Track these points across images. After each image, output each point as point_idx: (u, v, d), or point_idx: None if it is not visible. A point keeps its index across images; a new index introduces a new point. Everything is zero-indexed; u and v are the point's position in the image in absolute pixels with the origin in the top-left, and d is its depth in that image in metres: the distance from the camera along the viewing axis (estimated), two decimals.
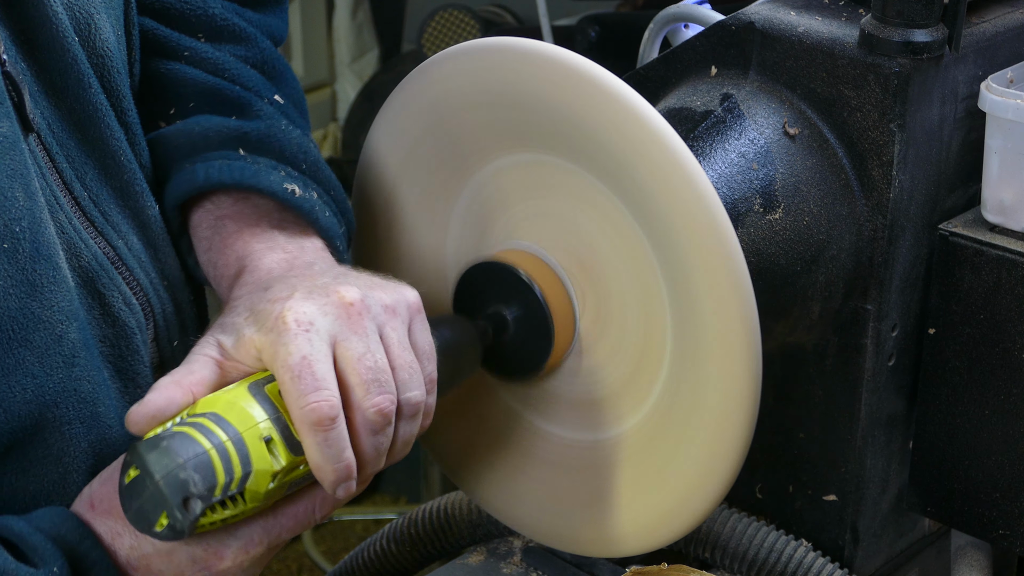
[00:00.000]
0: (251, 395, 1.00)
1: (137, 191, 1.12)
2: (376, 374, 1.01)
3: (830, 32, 1.21)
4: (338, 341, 1.02)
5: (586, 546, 1.25)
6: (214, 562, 1.01)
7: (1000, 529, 1.28)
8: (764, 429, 1.22)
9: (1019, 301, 1.22)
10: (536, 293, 1.16)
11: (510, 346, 1.19)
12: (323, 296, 1.03)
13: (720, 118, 1.22)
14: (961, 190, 1.28)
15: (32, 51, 1.05)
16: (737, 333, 1.08)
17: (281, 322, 1.01)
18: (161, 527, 0.97)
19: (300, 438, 1.00)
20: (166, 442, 0.97)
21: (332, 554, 3.07)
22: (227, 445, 0.97)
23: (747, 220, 1.19)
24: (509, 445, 1.27)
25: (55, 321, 1.01)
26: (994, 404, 1.25)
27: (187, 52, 1.21)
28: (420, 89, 1.19)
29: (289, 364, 0.99)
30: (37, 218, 1.00)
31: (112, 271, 1.08)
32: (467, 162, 1.21)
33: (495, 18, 3.10)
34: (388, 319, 1.05)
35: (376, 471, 1.05)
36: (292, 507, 1.03)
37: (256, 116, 1.18)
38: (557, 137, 1.14)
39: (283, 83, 1.24)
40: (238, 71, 1.21)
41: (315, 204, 1.15)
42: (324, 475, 1.00)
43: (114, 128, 1.10)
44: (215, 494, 0.97)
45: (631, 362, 1.18)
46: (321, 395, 0.99)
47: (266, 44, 1.25)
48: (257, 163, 1.14)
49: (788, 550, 1.29)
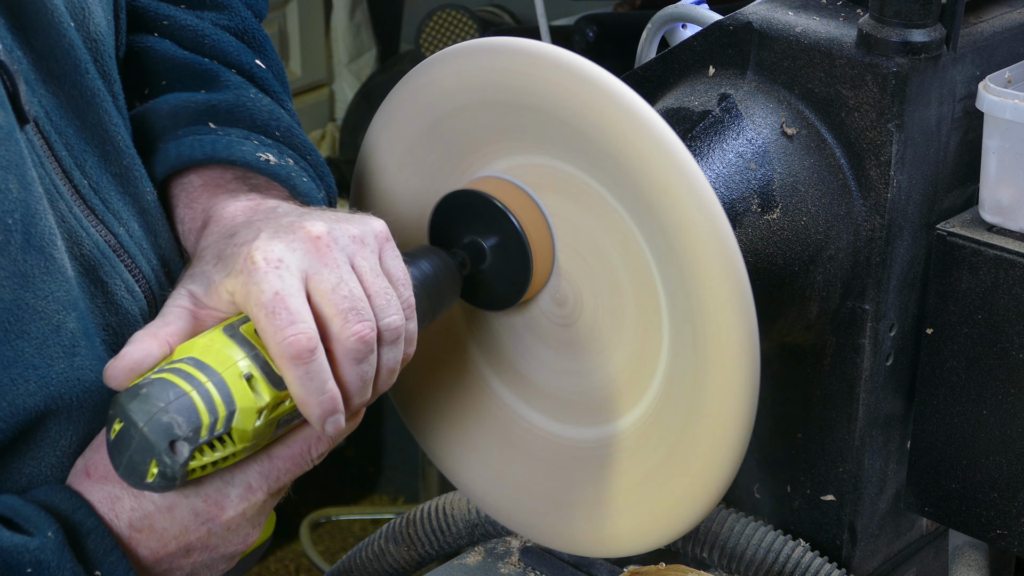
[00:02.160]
0: (227, 336, 1.00)
1: (136, 176, 1.12)
2: (352, 302, 1.01)
3: (828, 32, 1.22)
4: (309, 275, 1.01)
5: (584, 546, 1.25)
6: (216, 512, 1.01)
7: (998, 529, 1.28)
8: (762, 429, 1.22)
9: (1017, 301, 1.22)
10: (511, 219, 1.15)
11: (489, 275, 1.18)
12: (289, 233, 1.03)
13: (718, 118, 1.22)
14: (959, 190, 1.28)
15: (28, 38, 1.05)
16: (735, 333, 1.08)
17: (250, 262, 1.00)
18: (152, 477, 0.97)
19: (281, 373, 1.00)
20: (145, 389, 0.97)
21: (330, 554, 3.07)
22: (207, 386, 0.97)
23: (745, 220, 1.19)
24: (508, 446, 1.27)
25: (51, 311, 1.01)
26: (992, 404, 1.25)
27: (166, 21, 1.21)
28: (419, 88, 1.19)
29: (262, 301, 0.99)
30: (32, 209, 1.00)
31: (114, 259, 1.08)
32: (466, 162, 1.21)
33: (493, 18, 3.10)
34: (358, 249, 1.04)
35: (364, 403, 1.04)
36: (286, 449, 1.03)
37: (224, 87, 1.17)
38: (555, 138, 1.14)
39: (263, 53, 1.24)
40: (217, 38, 1.20)
41: (291, 170, 1.14)
42: (310, 409, 1.00)
43: (112, 113, 1.10)
44: (201, 435, 0.97)
45: (628, 361, 1.18)
46: (298, 327, 0.98)
47: (246, 13, 1.25)
48: (228, 134, 1.14)
49: (786, 550, 1.29)
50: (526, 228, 1.16)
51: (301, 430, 1.04)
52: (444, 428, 1.30)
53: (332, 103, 3.47)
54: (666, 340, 1.15)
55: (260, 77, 1.20)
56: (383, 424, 3.22)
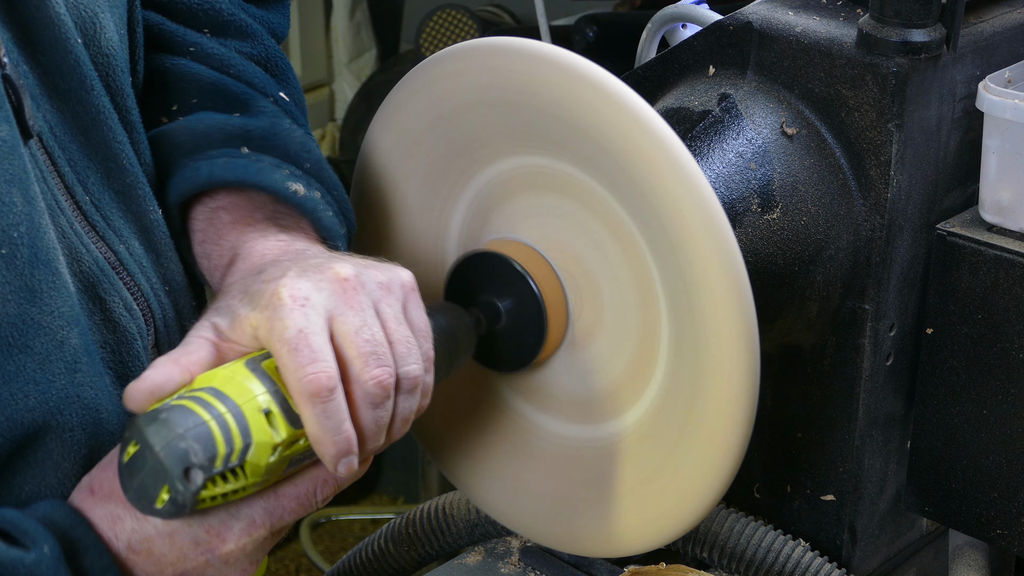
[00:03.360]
0: (249, 370, 1.00)
1: (140, 195, 1.12)
2: (374, 347, 1.01)
3: (828, 32, 1.21)
4: (334, 316, 1.01)
5: (589, 546, 1.25)
6: (217, 544, 1.01)
7: (998, 529, 1.28)
8: (762, 429, 1.22)
9: (1017, 301, 1.22)
10: (530, 283, 1.16)
11: (503, 336, 1.18)
12: (317, 273, 1.03)
13: (718, 118, 1.22)
14: (959, 190, 1.28)
15: (34, 53, 1.05)
16: (735, 333, 1.08)
17: (276, 298, 1.00)
18: (162, 502, 0.96)
19: (299, 411, 1.00)
20: (165, 414, 0.96)
21: (330, 554, 3.07)
22: (226, 417, 0.97)
23: (745, 220, 1.19)
24: (507, 444, 1.27)
25: (56, 327, 1.01)
26: (992, 404, 1.25)
27: (192, 47, 1.21)
28: (421, 87, 1.19)
29: (285, 338, 0.99)
30: (36, 223, 1.00)
31: (113, 276, 1.08)
32: (466, 161, 1.21)
33: (493, 18, 3.10)
34: (383, 295, 1.04)
35: (377, 448, 1.04)
36: (294, 488, 1.03)
37: (259, 113, 1.17)
38: (555, 137, 1.14)
39: (285, 81, 1.24)
40: (243, 67, 1.20)
41: (318, 204, 1.14)
42: (324, 448, 1.00)
43: (117, 131, 1.10)
44: (216, 465, 0.96)
45: (628, 362, 1.18)
46: (318, 366, 0.99)
47: (270, 41, 1.25)
48: (260, 161, 1.14)
49: (786, 550, 1.29)
50: (544, 292, 1.17)
51: (309, 471, 1.04)
52: (447, 431, 1.30)
53: (332, 103, 3.47)
54: (666, 339, 1.15)
55: (286, 110, 1.20)
56: None
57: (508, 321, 1.18)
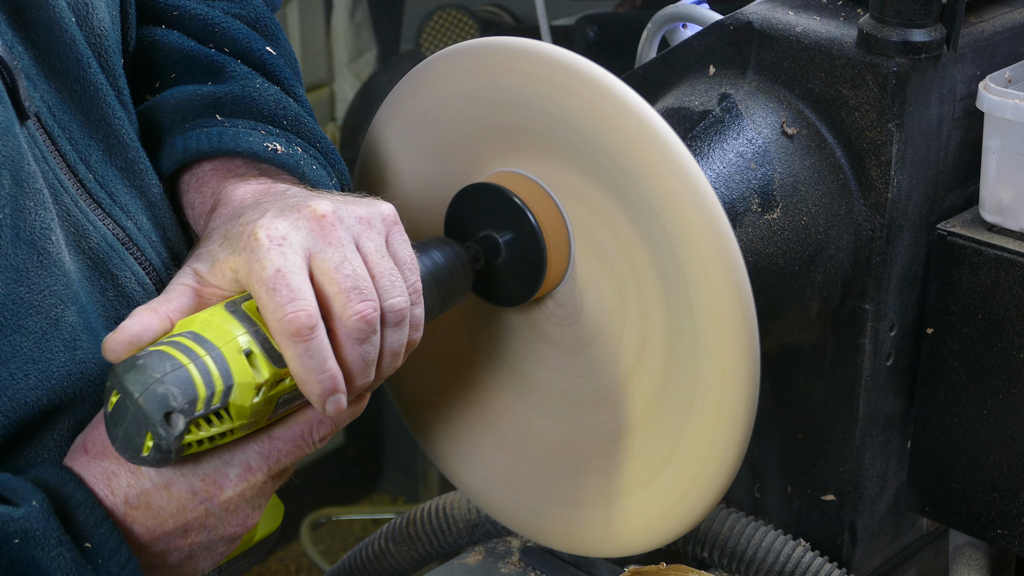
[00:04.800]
0: (228, 312, 1.00)
1: (142, 169, 1.12)
2: (355, 281, 1.01)
3: (828, 32, 1.22)
4: (313, 254, 1.01)
5: (594, 546, 1.25)
6: (214, 492, 1.01)
7: (998, 529, 1.28)
8: (762, 429, 1.22)
9: (1017, 301, 1.22)
10: (528, 216, 1.15)
11: (502, 270, 1.18)
12: (294, 212, 1.02)
13: (718, 118, 1.22)
14: (959, 190, 1.28)
15: (29, 34, 1.05)
16: (735, 333, 1.08)
17: (253, 239, 1.00)
18: (148, 450, 0.96)
19: (281, 350, 0.99)
20: (142, 360, 0.96)
21: (330, 554, 3.07)
22: (205, 359, 0.97)
23: (745, 220, 1.19)
24: (508, 444, 1.27)
25: (48, 305, 1.01)
26: (992, 404, 1.25)
27: (176, 11, 1.21)
28: (424, 84, 1.20)
29: (263, 278, 0.99)
30: (20, 205, 0.99)
31: (123, 252, 1.08)
32: (468, 158, 1.21)
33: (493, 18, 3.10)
34: (363, 230, 1.04)
35: (367, 385, 1.04)
36: (287, 430, 1.03)
37: (229, 78, 1.17)
38: (556, 137, 1.14)
39: (275, 41, 1.24)
40: (226, 25, 1.20)
41: (299, 158, 1.14)
42: (309, 387, 1.00)
43: (115, 108, 1.10)
44: (197, 408, 0.96)
45: (629, 360, 1.18)
46: (298, 304, 0.98)
47: (259, 2, 1.24)
48: (235, 126, 1.13)
49: (786, 550, 1.29)
50: (543, 226, 1.16)
51: (303, 412, 1.04)
52: (449, 432, 1.30)
53: (332, 103, 3.47)
54: (667, 339, 1.15)
55: (271, 64, 1.20)
56: (383, 424, 3.22)
57: (507, 255, 1.17)
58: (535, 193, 1.16)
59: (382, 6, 3.41)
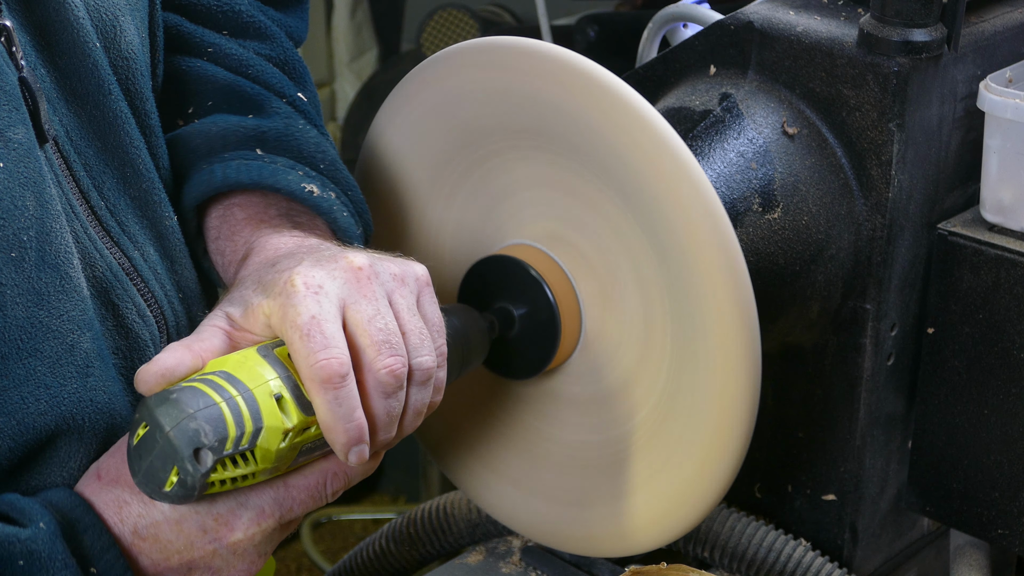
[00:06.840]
0: (261, 356, 1.00)
1: (155, 201, 1.11)
2: (386, 336, 1.01)
3: (829, 32, 1.21)
4: (347, 304, 1.01)
5: (603, 545, 1.25)
6: (225, 532, 1.00)
7: (999, 528, 1.28)
8: (763, 428, 1.22)
9: (1018, 300, 1.22)
10: (545, 290, 1.16)
11: (515, 343, 1.18)
12: (331, 263, 1.03)
13: (719, 117, 1.22)
14: (960, 190, 1.28)
15: (52, 56, 1.05)
16: (736, 333, 1.08)
17: (290, 285, 1.00)
18: (171, 485, 0.96)
19: (310, 397, 0.99)
20: (176, 395, 0.96)
21: (331, 554, 3.07)
22: (237, 399, 0.97)
23: (746, 220, 1.19)
24: (515, 449, 1.27)
25: (65, 331, 1.01)
26: (993, 403, 1.25)
27: (211, 48, 1.21)
28: (426, 83, 1.20)
29: (298, 324, 0.99)
30: (47, 227, 0.99)
31: (127, 282, 1.07)
32: (470, 157, 1.21)
33: (494, 18, 3.10)
34: (397, 287, 1.04)
35: (388, 441, 1.04)
36: (304, 479, 1.03)
37: (274, 114, 1.17)
38: (557, 136, 1.14)
39: (303, 83, 1.24)
40: (261, 68, 1.20)
41: (333, 204, 1.14)
42: (335, 435, 1.00)
43: (134, 136, 1.10)
44: (226, 447, 0.96)
45: (633, 361, 1.18)
46: (330, 352, 0.98)
47: (288, 44, 1.25)
48: (275, 163, 1.14)
49: (787, 549, 1.29)
50: (558, 301, 1.16)
51: (320, 463, 1.04)
52: (456, 439, 1.30)
53: (333, 102, 3.47)
54: (669, 338, 1.15)
55: (303, 111, 1.20)
56: None
57: (521, 328, 1.18)
58: (547, 265, 1.17)
59: (383, 6, 3.41)
